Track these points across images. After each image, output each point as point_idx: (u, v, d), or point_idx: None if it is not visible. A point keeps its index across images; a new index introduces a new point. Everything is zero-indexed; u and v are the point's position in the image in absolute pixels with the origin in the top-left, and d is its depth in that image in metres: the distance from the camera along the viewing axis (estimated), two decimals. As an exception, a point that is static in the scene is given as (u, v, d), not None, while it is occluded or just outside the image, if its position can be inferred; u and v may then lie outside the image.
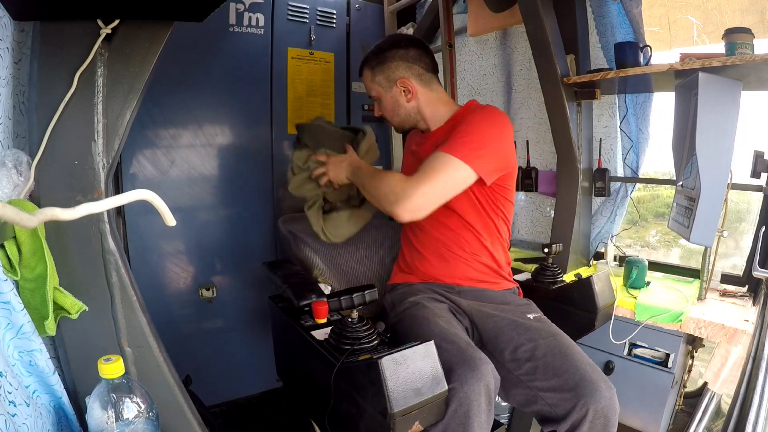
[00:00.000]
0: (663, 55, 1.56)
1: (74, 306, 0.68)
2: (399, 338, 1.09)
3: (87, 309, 0.69)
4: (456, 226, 1.21)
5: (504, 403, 1.75)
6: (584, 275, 1.37)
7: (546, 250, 1.38)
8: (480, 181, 1.11)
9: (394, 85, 1.23)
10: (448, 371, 0.87)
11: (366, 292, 0.90)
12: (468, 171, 1.07)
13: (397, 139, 2.24)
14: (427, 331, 1.02)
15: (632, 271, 1.52)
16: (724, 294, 1.50)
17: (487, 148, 1.09)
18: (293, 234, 1.51)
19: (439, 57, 1.95)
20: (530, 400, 1.01)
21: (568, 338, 1.06)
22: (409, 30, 2.18)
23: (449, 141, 1.10)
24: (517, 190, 2.01)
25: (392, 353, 0.76)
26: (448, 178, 1.07)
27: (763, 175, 1.35)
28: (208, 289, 1.79)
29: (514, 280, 1.34)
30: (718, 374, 1.38)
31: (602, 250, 1.80)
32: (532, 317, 1.12)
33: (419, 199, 1.05)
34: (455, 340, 0.97)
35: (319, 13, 1.97)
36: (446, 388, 0.81)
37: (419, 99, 1.24)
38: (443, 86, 1.92)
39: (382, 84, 1.25)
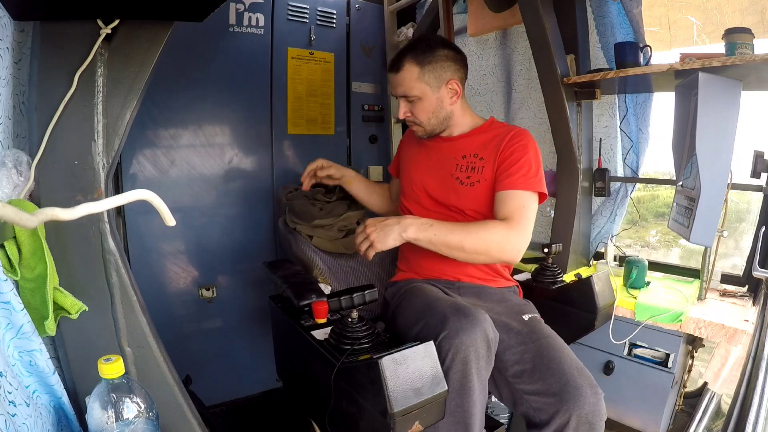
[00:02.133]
0: (663, 55, 1.56)
1: (74, 306, 0.68)
2: (399, 320, 1.11)
3: (87, 309, 0.69)
4: None
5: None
6: (584, 275, 1.37)
7: (546, 250, 1.38)
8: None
9: (444, 85, 1.19)
10: (442, 320, 0.89)
11: (366, 292, 0.90)
12: (536, 195, 1.16)
13: (396, 139, 2.24)
14: (423, 297, 1.06)
15: (632, 271, 1.52)
16: (724, 294, 1.50)
17: (539, 170, 1.18)
18: (293, 234, 1.51)
19: (439, 57, 1.96)
20: (517, 401, 1.01)
21: (560, 341, 1.06)
22: (409, 30, 2.18)
23: (513, 175, 1.14)
24: (517, 190, 2.01)
25: (392, 353, 0.76)
26: (533, 210, 1.15)
27: (763, 175, 1.35)
28: (208, 289, 1.80)
29: (514, 279, 1.34)
30: (718, 374, 1.38)
31: (602, 250, 1.79)
32: (527, 318, 1.13)
33: (525, 242, 1.11)
34: (451, 299, 1.01)
35: (319, 13, 1.97)
36: (446, 388, 0.81)
37: (458, 103, 1.24)
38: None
39: (430, 82, 1.18)
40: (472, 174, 1.21)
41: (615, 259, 1.77)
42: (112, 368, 0.61)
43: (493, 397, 1.10)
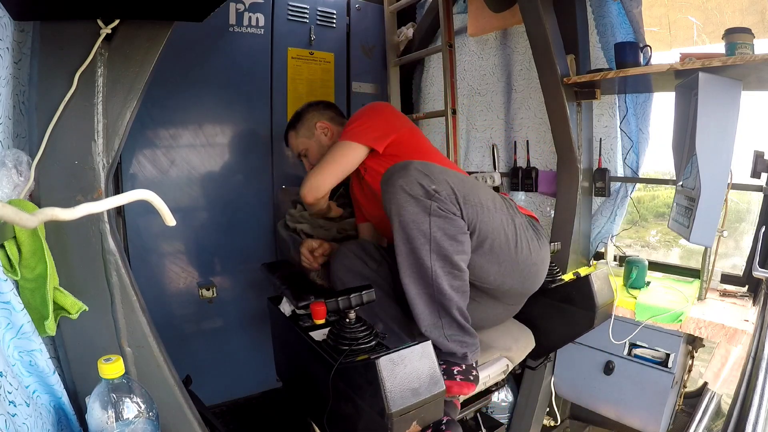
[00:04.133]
0: (663, 55, 1.55)
1: (74, 306, 0.68)
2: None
3: (87, 309, 0.69)
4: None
5: (504, 403, 1.75)
6: (583, 274, 1.37)
7: (546, 250, 1.38)
8: (374, 153, 1.29)
9: (315, 131, 1.48)
10: None
11: (363, 292, 0.90)
12: (355, 145, 1.28)
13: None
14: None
15: (632, 271, 1.52)
16: (724, 294, 1.50)
17: (365, 125, 1.30)
18: (292, 236, 1.51)
19: (439, 57, 1.96)
20: None
21: None
22: (409, 30, 2.18)
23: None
24: (517, 189, 2.02)
25: (389, 353, 0.76)
26: (340, 157, 1.28)
27: (763, 175, 1.34)
28: (208, 289, 1.80)
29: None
30: (718, 374, 1.38)
31: (602, 250, 1.79)
32: None
33: (314, 181, 1.27)
34: None
35: (319, 13, 1.97)
36: (444, 388, 0.81)
37: (335, 137, 1.45)
38: (443, 86, 1.93)
39: (306, 135, 1.49)
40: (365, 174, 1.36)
41: (615, 259, 1.77)
42: (112, 368, 0.61)
43: (492, 397, 1.11)
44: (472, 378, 1.01)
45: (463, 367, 1.02)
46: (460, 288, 0.99)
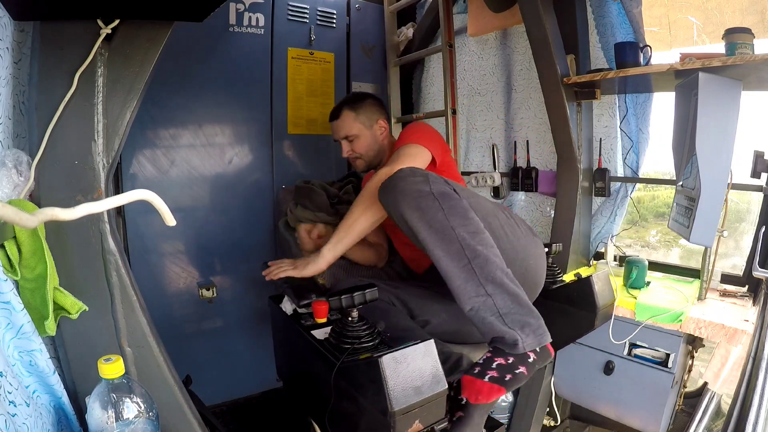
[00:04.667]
0: (663, 55, 1.56)
1: (74, 306, 0.68)
2: None
3: (87, 309, 0.69)
4: None
5: (504, 403, 1.75)
6: (584, 275, 1.37)
7: (546, 249, 1.38)
8: (432, 163, 1.29)
9: (374, 124, 1.45)
10: None
11: (366, 291, 0.90)
12: (423, 149, 1.27)
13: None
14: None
15: (632, 271, 1.52)
16: (724, 294, 1.50)
17: (427, 136, 1.31)
18: (293, 234, 1.51)
19: (439, 57, 1.96)
20: None
21: None
22: (409, 30, 2.18)
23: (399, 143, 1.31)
24: (517, 189, 2.02)
25: (392, 352, 0.76)
26: (418, 156, 1.25)
27: (763, 175, 1.35)
28: (208, 289, 1.79)
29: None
30: (718, 374, 1.38)
31: (602, 250, 1.79)
32: None
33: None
34: None
35: (319, 13, 1.97)
36: (446, 386, 0.81)
37: (387, 140, 1.48)
38: (443, 86, 1.93)
39: (364, 122, 1.44)
40: None
41: (615, 259, 1.77)
42: (112, 368, 0.61)
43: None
44: (507, 379, 0.83)
45: (508, 362, 0.85)
46: (492, 248, 0.91)
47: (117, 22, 0.70)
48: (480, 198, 1.06)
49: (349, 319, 0.92)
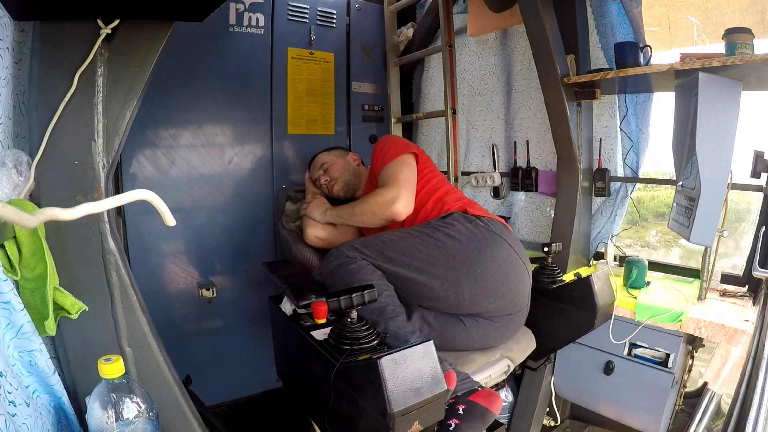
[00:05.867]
0: (663, 55, 1.55)
1: (74, 306, 0.68)
2: None
3: (87, 309, 0.69)
4: None
5: (504, 404, 1.75)
6: (584, 275, 1.37)
7: (545, 249, 1.38)
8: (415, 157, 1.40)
9: (347, 155, 1.66)
10: None
11: (365, 292, 0.90)
12: (407, 157, 1.38)
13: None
14: None
15: (632, 271, 1.52)
16: (724, 294, 1.50)
17: (394, 145, 1.41)
18: (293, 235, 1.51)
19: (439, 57, 1.96)
20: None
21: None
22: (409, 30, 2.18)
23: (380, 161, 1.40)
24: (517, 190, 2.02)
25: (391, 353, 0.76)
26: (408, 169, 1.35)
27: (763, 175, 1.35)
28: (208, 289, 1.79)
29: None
30: (718, 374, 1.38)
31: (602, 250, 1.79)
32: None
33: (404, 197, 1.28)
34: None
35: (319, 13, 1.97)
36: (446, 388, 0.81)
37: (362, 168, 1.65)
38: (443, 86, 1.93)
39: (336, 155, 1.64)
40: None
41: (615, 259, 1.77)
42: (112, 368, 0.61)
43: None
44: None
45: None
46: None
47: (117, 22, 0.70)
48: (396, 240, 1.18)
49: (348, 320, 0.92)
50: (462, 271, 1.12)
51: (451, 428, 0.90)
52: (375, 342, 0.91)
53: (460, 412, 0.94)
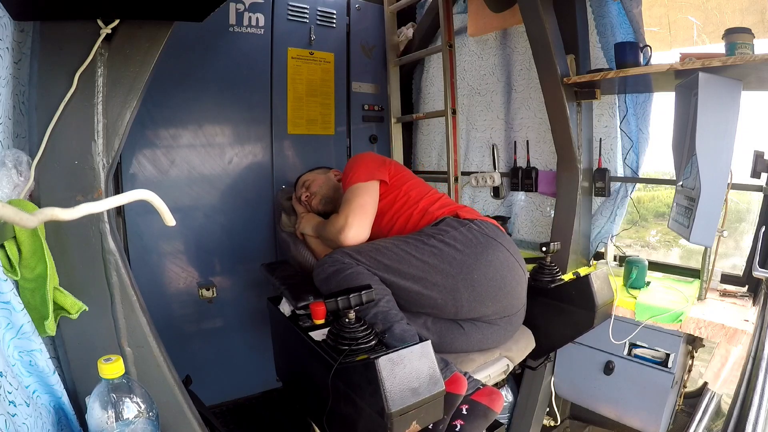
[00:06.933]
0: (663, 55, 1.55)
1: (74, 306, 0.68)
2: None
3: (87, 309, 0.69)
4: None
5: (504, 403, 1.75)
6: (583, 274, 1.37)
7: (544, 248, 1.38)
8: (383, 183, 1.38)
9: (328, 173, 1.64)
10: None
11: (363, 292, 0.90)
12: (366, 185, 1.34)
13: (396, 139, 2.24)
14: None
15: (632, 271, 1.52)
16: (724, 294, 1.50)
17: (362, 167, 1.38)
18: (292, 236, 1.51)
19: (439, 57, 1.96)
20: None
21: None
22: (409, 30, 2.18)
23: (345, 182, 1.39)
24: (517, 190, 2.02)
25: (389, 353, 0.76)
26: (367, 197, 1.32)
27: (763, 175, 1.34)
28: (208, 289, 1.80)
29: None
30: (718, 374, 1.37)
31: (602, 250, 1.79)
32: None
33: (354, 225, 1.27)
34: None
35: (319, 13, 1.97)
36: (443, 388, 0.81)
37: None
38: (443, 86, 1.93)
39: (318, 173, 1.64)
40: None
41: (615, 259, 1.77)
42: (112, 368, 0.61)
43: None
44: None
45: None
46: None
47: (117, 22, 0.70)
48: (390, 247, 1.18)
49: (347, 320, 0.92)
50: (459, 277, 1.12)
51: (456, 429, 0.91)
52: (373, 342, 0.91)
53: (464, 412, 0.94)
